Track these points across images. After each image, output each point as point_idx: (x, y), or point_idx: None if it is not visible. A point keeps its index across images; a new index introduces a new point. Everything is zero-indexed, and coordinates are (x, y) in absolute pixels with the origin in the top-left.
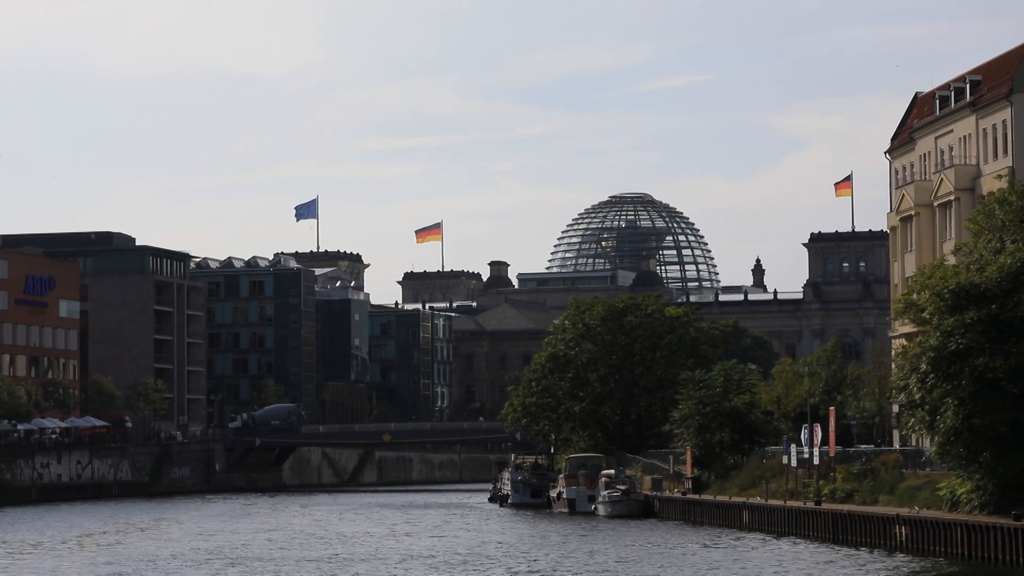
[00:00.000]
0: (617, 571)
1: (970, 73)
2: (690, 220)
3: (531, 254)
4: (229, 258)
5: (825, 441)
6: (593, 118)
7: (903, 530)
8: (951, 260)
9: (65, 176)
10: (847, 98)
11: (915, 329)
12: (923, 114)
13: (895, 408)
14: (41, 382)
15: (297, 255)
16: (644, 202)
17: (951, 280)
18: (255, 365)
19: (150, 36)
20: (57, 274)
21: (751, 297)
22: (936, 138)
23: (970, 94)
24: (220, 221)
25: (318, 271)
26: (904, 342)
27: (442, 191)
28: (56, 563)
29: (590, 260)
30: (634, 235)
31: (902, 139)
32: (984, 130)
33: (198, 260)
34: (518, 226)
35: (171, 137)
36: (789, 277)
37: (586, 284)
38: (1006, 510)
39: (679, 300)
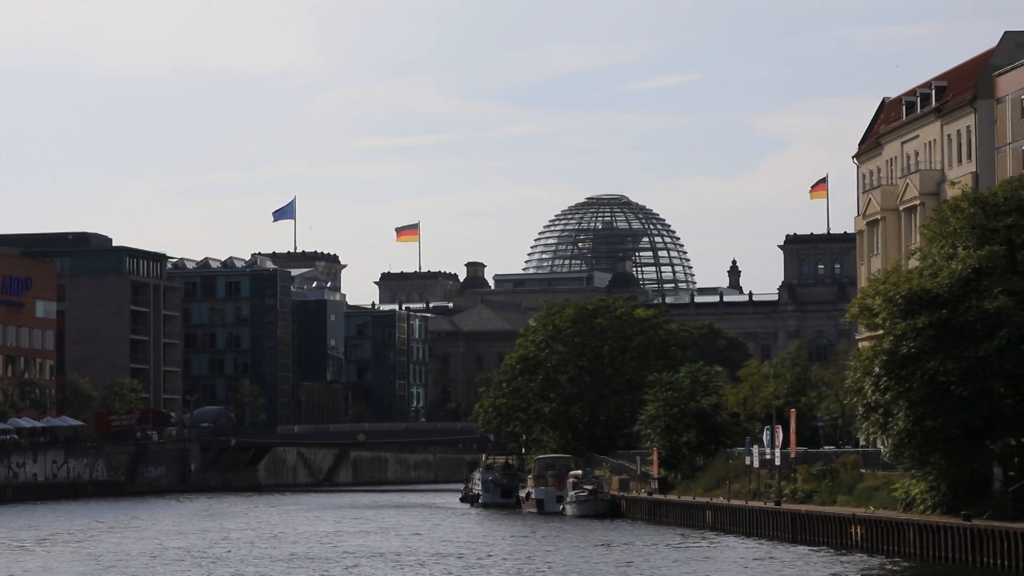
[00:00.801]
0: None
1: (936, 79)
2: (666, 222)
3: (511, 255)
4: (206, 259)
5: (787, 442)
6: (579, 118)
7: (859, 529)
8: (909, 265)
9: (44, 176)
10: (833, 99)
11: (880, 333)
12: (890, 119)
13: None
14: (17, 382)
15: (275, 256)
16: (620, 204)
17: (903, 286)
18: (231, 365)
19: (135, 34)
20: (34, 274)
21: (727, 299)
22: (903, 143)
23: (935, 100)
24: (201, 221)
25: (295, 272)
26: (867, 344)
27: (424, 191)
28: (27, 562)
29: (566, 261)
30: (610, 237)
31: (869, 144)
32: (949, 136)
33: (175, 261)
34: (499, 226)
35: (154, 137)
36: (765, 279)
37: (562, 285)
38: (958, 510)
39: (655, 301)
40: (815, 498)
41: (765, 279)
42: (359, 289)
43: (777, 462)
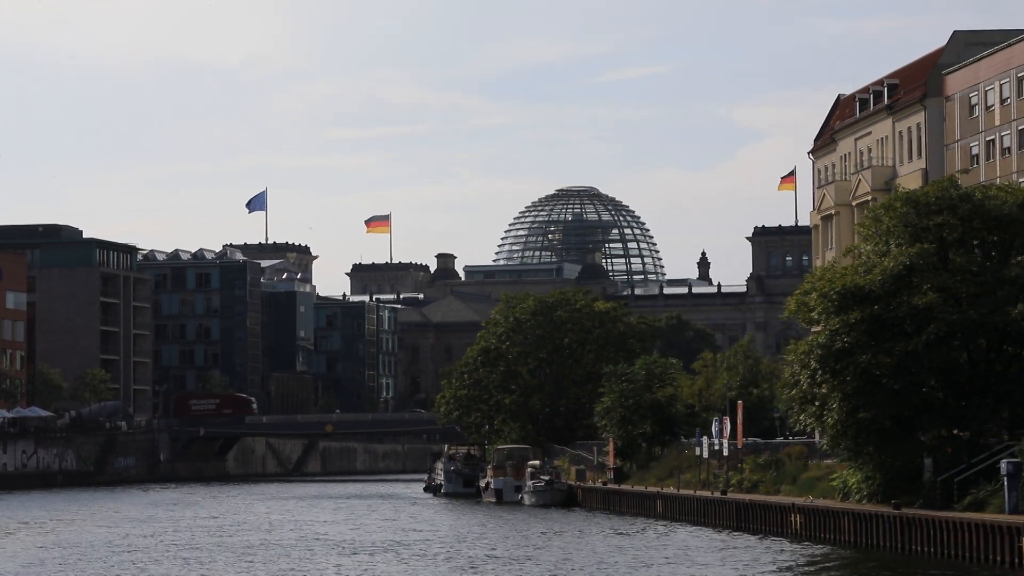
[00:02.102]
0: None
1: (888, 77)
2: (636, 214)
3: (482, 246)
4: (176, 250)
5: (735, 434)
6: (550, 110)
7: (797, 518)
8: (845, 262)
9: (14, 167)
10: (805, 90)
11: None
12: (844, 116)
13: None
14: None
15: (247, 247)
16: (590, 195)
17: (837, 282)
18: (201, 356)
19: (105, 25)
20: (5, 266)
21: (695, 290)
22: (856, 139)
23: (888, 97)
24: (172, 212)
25: (266, 263)
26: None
27: (395, 182)
28: None
29: (536, 253)
30: (580, 228)
31: (824, 140)
32: (900, 132)
33: (145, 252)
34: (470, 218)
35: (125, 128)
36: (735, 271)
37: (532, 277)
38: (892, 499)
39: (624, 292)
40: (760, 488)
41: (735, 271)
42: (330, 280)
43: (725, 453)
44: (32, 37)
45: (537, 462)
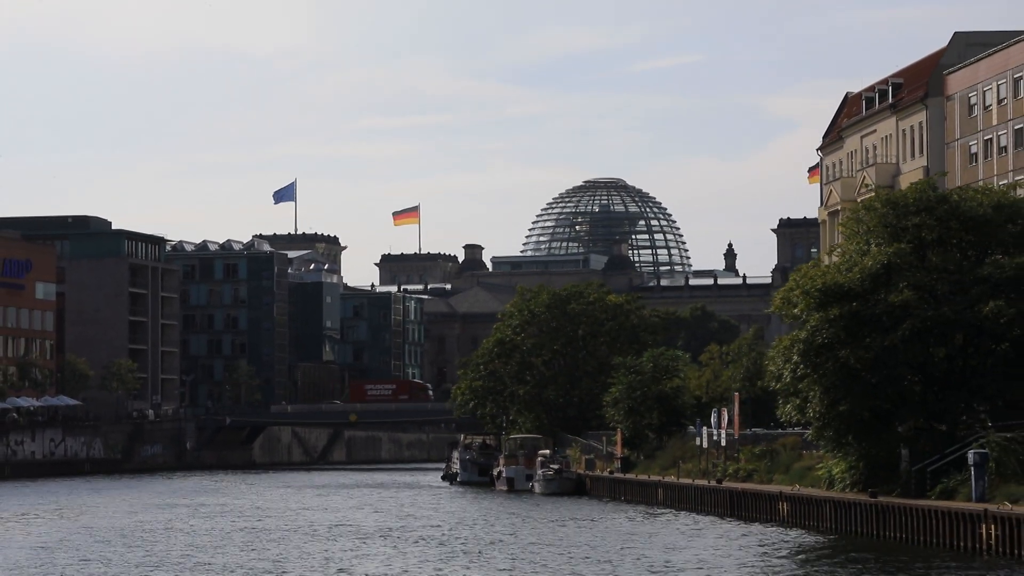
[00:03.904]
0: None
1: (893, 76)
2: (663, 205)
3: (511, 236)
4: (204, 241)
5: (731, 424)
6: (582, 99)
7: (785, 506)
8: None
9: (44, 160)
10: (837, 80)
11: None
12: (852, 113)
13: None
14: (17, 362)
15: (276, 237)
16: (618, 187)
17: (819, 280)
18: (228, 346)
19: (134, 15)
20: (34, 257)
21: (721, 281)
22: (862, 137)
23: (892, 96)
24: (202, 203)
25: (294, 254)
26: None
27: (426, 172)
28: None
29: (563, 244)
30: (607, 220)
31: (832, 137)
32: (903, 131)
33: (173, 243)
34: (500, 208)
35: (155, 119)
36: (762, 262)
37: (559, 268)
38: (872, 488)
39: (650, 284)
40: (755, 477)
41: (762, 262)
42: (359, 271)
43: (723, 443)
44: (62, 27)
45: (547, 451)
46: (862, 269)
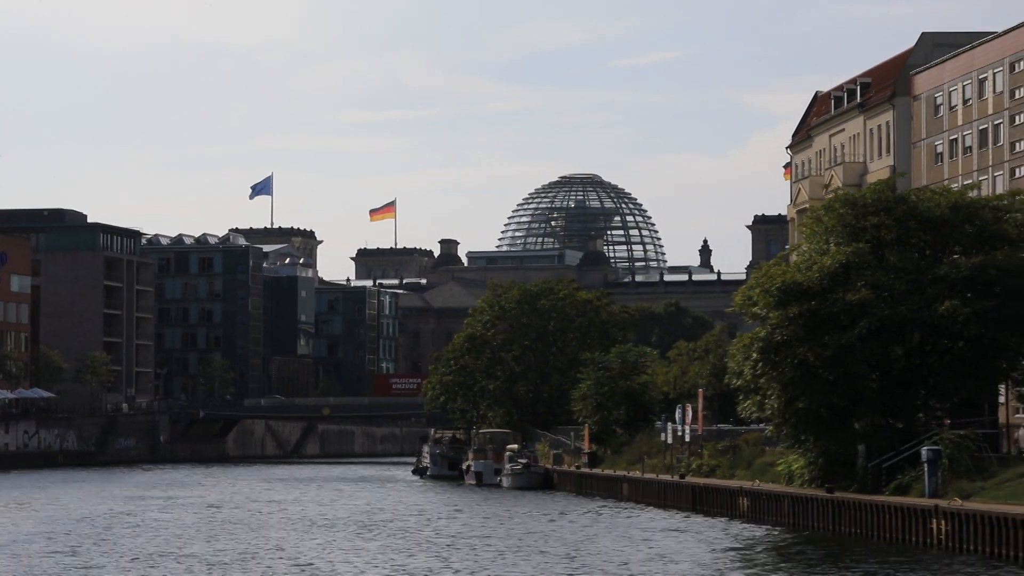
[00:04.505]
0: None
1: (861, 76)
2: (638, 201)
3: (488, 231)
4: (180, 235)
5: (695, 420)
6: (564, 94)
7: (745, 501)
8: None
9: (21, 152)
10: (819, 76)
11: None
12: (821, 112)
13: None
14: None
15: (252, 231)
16: (593, 183)
17: (778, 279)
18: (203, 339)
19: (112, 6)
20: (10, 249)
21: (695, 277)
22: (830, 136)
23: (860, 96)
24: (180, 196)
25: (270, 248)
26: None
27: (405, 166)
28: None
29: (539, 239)
30: (583, 215)
31: (801, 136)
32: (871, 130)
33: (149, 237)
34: (477, 203)
35: (133, 111)
36: (737, 258)
37: (534, 263)
38: (829, 484)
39: (625, 279)
40: (718, 472)
41: (737, 259)
42: (336, 265)
43: (687, 439)
44: (41, 19)
45: (515, 446)
46: (821, 268)
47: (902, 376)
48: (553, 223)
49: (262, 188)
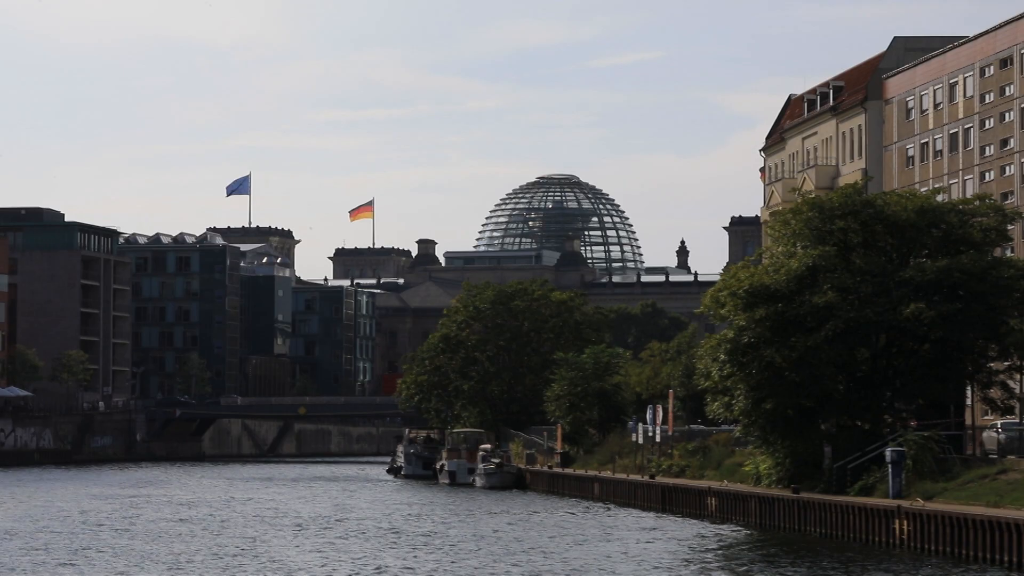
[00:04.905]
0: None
1: (834, 79)
2: (616, 202)
3: (466, 231)
4: (157, 234)
5: (665, 420)
6: (541, 94)
7: (713, 501)
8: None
9: None
10: (798, 77)
11: None
12: (794, 115)
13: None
14: None
15: (230, 230)
16: (571, 183)
17: (746, 281)
18: (180, 338)
19: (87, 3)
20: None
21: (672, 278)
22: (803, 139)
23: (833, 99)
24: (156, 195)
25: (247, 247)
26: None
27: (382, 165)
28: None
29: (516, 240)
30: (560, 216)
31: (775, 139)
32: (843, 133)
33: (127, 236)
34: (454, 203)
35: (110, 109)
36: (715, 260)
37: (511, 263)
38: (796, 484)
39: (602, 280)
40: (687, 473)
41: (715, 260)
42: (313, 264)
43: (658, 439)
44: (15, 15)
45: (488, 446)
46: (788, 271)
47: (868, 378)
48: (531, 223)
49: (240, 187)
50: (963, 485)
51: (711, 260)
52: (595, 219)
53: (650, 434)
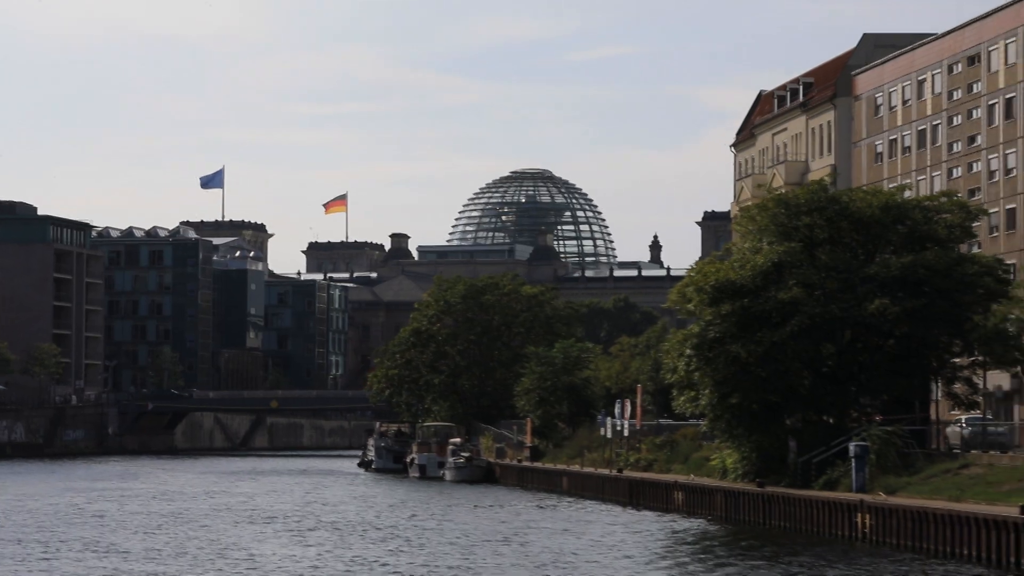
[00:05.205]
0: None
1: (804, 76)
2: (589, 196)
3: (440, 225)
4: (130, 228)
5: (633, 415)
6: (518, 88)
7: (680, 495)
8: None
9: None
10: (773, 72)
11: None
12: (764, 111)
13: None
14: None
15: (203, 224)
16: (544, 178)
17: (712, 277)
18: (153, 332)
19: None
20: None
21: (645, 273)
22: (773, 135)
23: (803, 95)
24: (129, 188)
25: (220, 241)
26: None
27: (357, 160)
28: None
29: (490, 234)
30: (533, 210)
31: (745, 135)
32: (813, 129)
33: (100, 229)
34: (429, 197)
35: (84, 102)
36: (688, 255)
37: (484, 257)
38: (762, 478)
39: (575, 274)
40: (655, 467)
41: (688, 255)
42: (287, 258)
43: (626, 433)
44: None
45: (459, 439)
46: (754, 267)
47: (833, 373)
48: (504, 218)
49: (213, 181)
50: (926, 479)
51: (684, 255)
52: (568, 213)
53: (618, 428)
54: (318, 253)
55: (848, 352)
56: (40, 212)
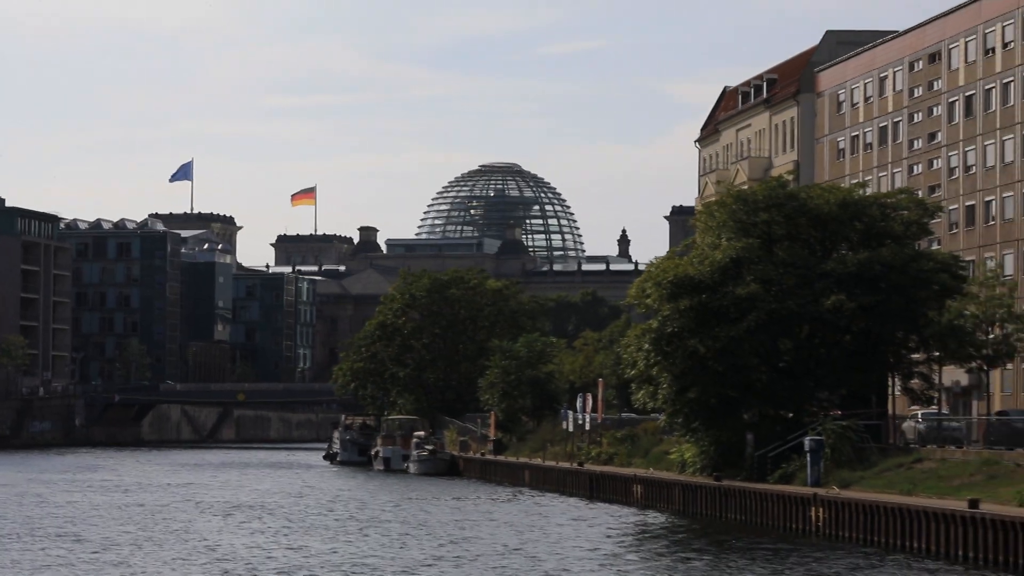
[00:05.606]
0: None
1: (768, 72)
2: (557, 190)
3: (408, 219)
4: (98, 220)
5: (595, 409)
6: (491, 82)
7: (639, 488)
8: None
9: None
10: (747, 66)
11: None
12: (729, 107)
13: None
14: None
15: (172, 216)
16: (513, 172)
17: (670, 272)
18: (121, 324)
19: None
20: None
21: (613, 267)
22: (737, 131)
23: (767, 92)
24: (97, 180)
25: (189, 233)
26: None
27: (326, 152)
28: None
29: (458, 228)
30: (502, 204)
31: (709, 130)
32: (776, 126)
33: (67, 221)
34: (397, 190)
35: (52, 93)
36: (656, 249)
37: (452, 251)
38: (719, 472)
39: (543, 268)
40: (615, 460)
41: (656, 249)
42: (256, 251)
43: (587, 427)
44: None
45: (423, 432)
46: (712, 262)
47: (790, 368)
48: (472, 211)
49: (182, 173)
50: (879, 474)
51: (652, 249)
52: (537, 208)
53: (580, 422)
54: (287, 246)
55: (805, 347)
56: (7, 204)
